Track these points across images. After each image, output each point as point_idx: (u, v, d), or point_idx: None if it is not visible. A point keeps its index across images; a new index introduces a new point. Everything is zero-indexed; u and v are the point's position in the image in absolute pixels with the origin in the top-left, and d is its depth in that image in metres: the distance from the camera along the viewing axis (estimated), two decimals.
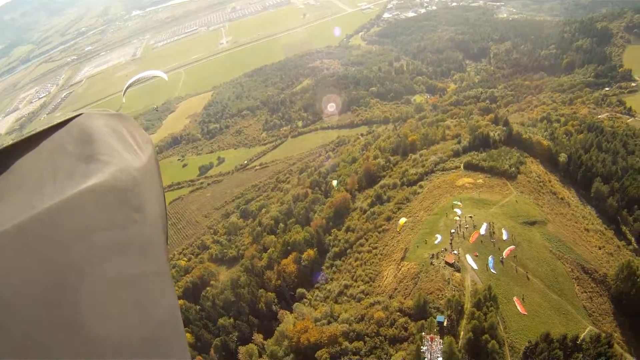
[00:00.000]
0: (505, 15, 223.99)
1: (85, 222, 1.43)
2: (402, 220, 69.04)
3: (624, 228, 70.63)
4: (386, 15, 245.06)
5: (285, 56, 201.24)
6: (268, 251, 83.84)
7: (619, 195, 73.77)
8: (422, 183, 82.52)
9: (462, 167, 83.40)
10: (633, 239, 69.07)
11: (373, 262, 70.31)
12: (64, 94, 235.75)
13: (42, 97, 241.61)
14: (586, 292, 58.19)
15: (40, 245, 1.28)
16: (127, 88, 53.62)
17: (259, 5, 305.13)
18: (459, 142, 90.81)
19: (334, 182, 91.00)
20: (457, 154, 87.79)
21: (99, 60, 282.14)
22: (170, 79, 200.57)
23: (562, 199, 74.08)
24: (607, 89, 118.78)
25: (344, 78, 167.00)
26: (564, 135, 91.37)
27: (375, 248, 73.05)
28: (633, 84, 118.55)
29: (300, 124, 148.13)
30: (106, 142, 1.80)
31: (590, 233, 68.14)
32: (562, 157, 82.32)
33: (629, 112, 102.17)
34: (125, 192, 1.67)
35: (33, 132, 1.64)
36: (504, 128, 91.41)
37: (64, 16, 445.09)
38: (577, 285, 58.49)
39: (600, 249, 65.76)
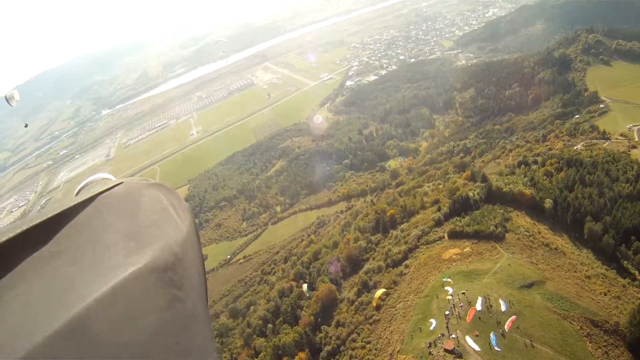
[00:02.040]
0: (464, 62, 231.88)
1: (132, 309, 1.47)
2: (379, 292, 65.89)
3: (625, 264, 68.44)
4: (349, 82, 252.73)
5: (256, 139, 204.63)
6: (260, 356, 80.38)
7: (613, 230, 71.40)
8: (407, 262, 79.65)
9: (446, 236, 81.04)
10: (637, 273, 66.71)
11: (368, 359, 66.02)
12: (43, 201, 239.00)
13: (21, 206, 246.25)
14: (600, 348, 54.50)
15: (90, 339, 1.34)
16: (78, 192, 53.07)
17: (224, 91, 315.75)
18: (439, 210, 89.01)
19: (304, 287, 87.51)
20: (439, 223, 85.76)
21: (74, 164, 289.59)
22: (145, 177, 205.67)
23: (555, 249, 71.36)
24: (577, 116, 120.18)
25: (316, 154, 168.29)
26: (545, 177, 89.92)
27: (369, 342, 68.82)
28: (601, 105, 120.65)
29: (279, 209, 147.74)
30: (148, 216, 1.87)
31: (592, 280, 65.23)
32: (548, 203, 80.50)
33: (604, 136, 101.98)
34: (168, 272, 1.72)
35: (76, 201, 1.75)
36: (483, 184, 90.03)
37: (36, 121, 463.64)
38: (590, 342, 54.72)
39: (605, 294, 62.74)
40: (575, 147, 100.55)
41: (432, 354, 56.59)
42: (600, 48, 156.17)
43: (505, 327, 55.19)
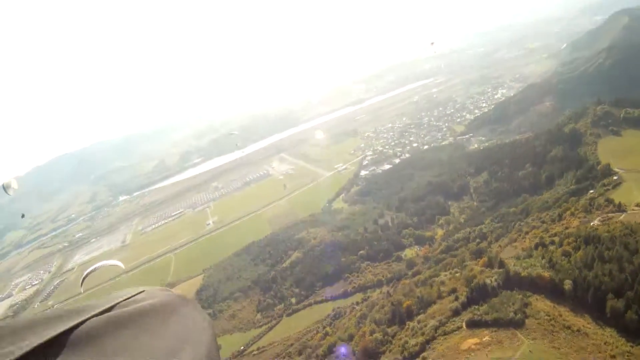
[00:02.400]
0: (476, 146, 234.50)
1: None
2: None
3: None
4: (363, 172, 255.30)
5: (272, 230, 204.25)
6: None
7: (636, 305, 68.33)
8: (424, 354, 76.78)
9: (464, 326, 78.52)
10: None
11: None
12: (57, 282, 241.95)
13: (35, 284, 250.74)
14: None
15: None
16: (85, 277, 54.48)
17: (240, 182, 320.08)
18: (457, 299, 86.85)
19: None
20: (456, 313, 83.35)
21: (89, 247, 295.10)
22: (161, 265, 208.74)
23: (577, 330, 68.42)
24: (591, 191, 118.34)
25: (332, 245, 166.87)
26: (563, 258, 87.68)
27: None
28: (615, 177, 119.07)
29: (294, 300, 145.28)
30: (168, 332, 1.81)
31: (617, 359, 61.63)
32: (567, 285, 78.15)
33: (620, 208, 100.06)
34: None
35: (96, 310, 1.68)
36: (500, 270, 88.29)
37: (53, 202, 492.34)
38: None
39: None
40: (591, 224, 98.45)
41: None
42: (609, 119, 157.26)
43: None
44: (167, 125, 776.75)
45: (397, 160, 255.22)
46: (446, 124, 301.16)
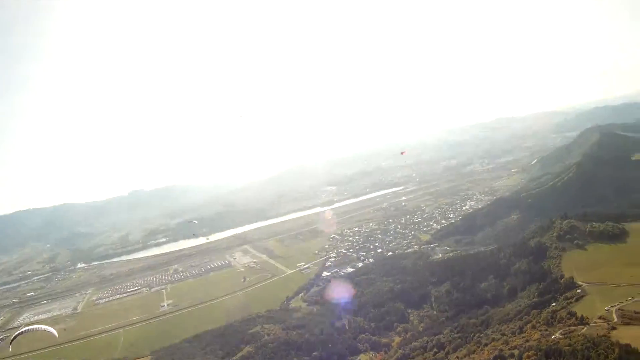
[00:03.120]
0: (440, 255, 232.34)
1: None
2: None
3: None
4: (325, 273, 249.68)
5: (226, 321, 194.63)
6: None
7: None
8: None
9: None
10: None
11: None
12: (0, 336, 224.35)
13: None
14: None
15: None
16: (15, 338, 55.56)
17: (201, 268, 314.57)
18: None
19: None
20: None
21: (39, 309, 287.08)
22: (109, 340, 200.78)
23: None
24: (554, 304, 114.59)
25: (285, 344, 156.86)
26: None
27: None
28: (578, 290, 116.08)
29: None
30: None
31: None
32: None
33: (582, 321, 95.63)
34: None
35: None
36: None
37: (13, 255, 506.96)
38: None
39: None
40: (553, 337, 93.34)
41: None
42: (575, 233, 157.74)
43: None
44: (141, 200, 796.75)
45: (360, 265, 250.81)
46: (412, 232, 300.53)
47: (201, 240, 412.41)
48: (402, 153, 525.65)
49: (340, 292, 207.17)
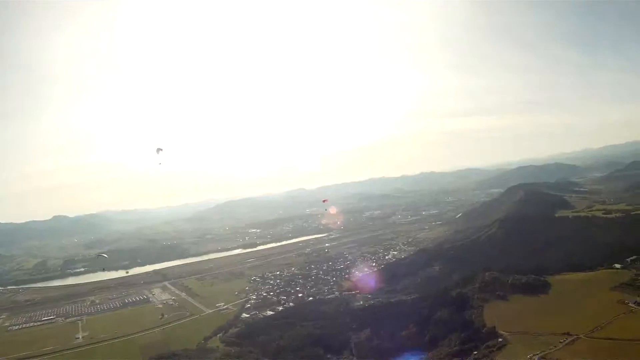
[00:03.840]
0: (361, 302, 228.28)
1: None
2: None
3: None
4: (244, 315, 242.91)
5: (141, 358, 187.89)
6: None
7: None
8: None
9: None
10: None
11: None
12: None
13: None
14: None
15: None
16: None
17: (119, 302, 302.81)
18: None
19: None
20: None
21: None
22: None
23: None
24: (475, 352, 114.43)
25: None
26: None
27: None
28: (500, 339, 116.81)
29: None
30: None
31: None
32: None
33: None
34: None
35: None
36: None
37: None
38: None
39: None
40: None
41: None
42: (497, 284, 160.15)
43: None
44: (63, 226, 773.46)
45: (280, 308, 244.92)
46: (334, 279, 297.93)
47: (120, 273, 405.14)
48: (323, 201, 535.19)
49: (259, 335, 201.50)
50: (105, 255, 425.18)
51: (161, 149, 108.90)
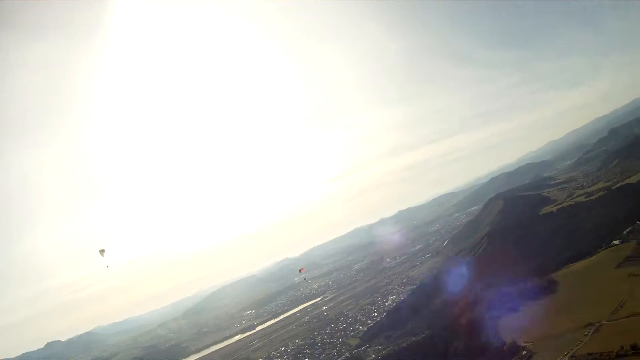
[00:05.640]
0: (373, 356, 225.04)
1: None
2: None
3: None
4: None
5: None
6: None
7: None
8: None
9: None
10: None
11: None
12: None
13: None
14: None
15: None
16: None
17: None
18: None
19: None
20: None
21: None
22: None
23: None
24: None
25: None
26: None
27: None
28: (524, 352, 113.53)
29: None
30: None
31: None
32: None
33: None
34: None
35: None
36: None
37: None
38: None
39: None
40: None
41: None
42: (504, 298, 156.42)
43: None
44: (58, 352, 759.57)
45: None
46: (340, 340, 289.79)
47: None
48: (300, 270, 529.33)
49: None
50: None
51: (104, 250, 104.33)
